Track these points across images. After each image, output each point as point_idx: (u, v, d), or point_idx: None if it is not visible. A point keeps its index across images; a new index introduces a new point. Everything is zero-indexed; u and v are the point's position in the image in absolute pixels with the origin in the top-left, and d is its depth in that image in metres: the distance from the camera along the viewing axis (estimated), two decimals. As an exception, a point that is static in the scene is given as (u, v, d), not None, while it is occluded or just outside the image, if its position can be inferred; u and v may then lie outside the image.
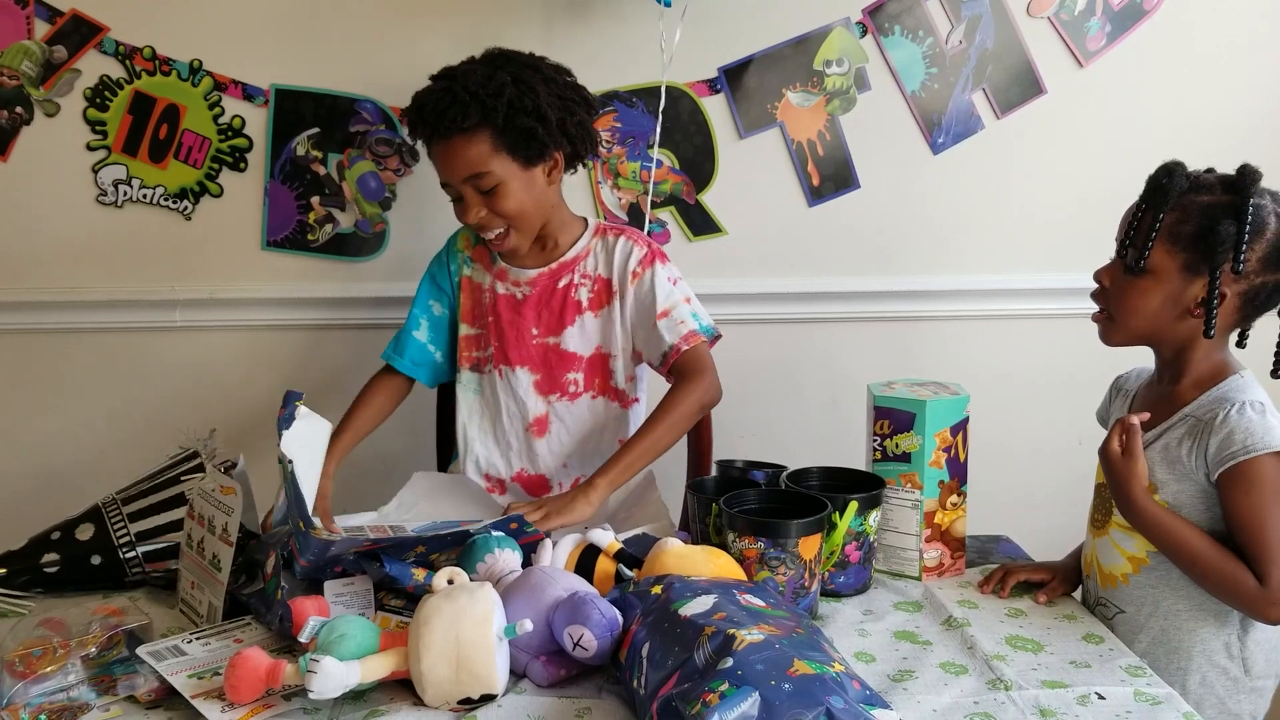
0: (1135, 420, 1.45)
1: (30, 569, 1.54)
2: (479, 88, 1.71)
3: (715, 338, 1.88)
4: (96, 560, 1.54)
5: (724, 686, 1.04)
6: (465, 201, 1.77)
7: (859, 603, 1.53)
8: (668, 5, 2.07)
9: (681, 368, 1.81)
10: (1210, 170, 1.47)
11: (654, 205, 2.29)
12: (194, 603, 1.45)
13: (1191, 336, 1.47)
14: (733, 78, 2.26)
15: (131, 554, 1.54)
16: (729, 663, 1.08)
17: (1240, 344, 1.50)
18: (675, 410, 1.76)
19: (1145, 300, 1.46)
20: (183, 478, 1.59)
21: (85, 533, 1.55)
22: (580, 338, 1.90)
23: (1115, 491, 1.47)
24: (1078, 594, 1.62)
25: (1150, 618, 1.49)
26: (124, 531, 1.54)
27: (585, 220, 1.94)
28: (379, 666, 1.18)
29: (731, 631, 1.12)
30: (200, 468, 1.59)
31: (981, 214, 2.35)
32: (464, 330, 1.94)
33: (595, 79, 2.22)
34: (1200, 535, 1.42)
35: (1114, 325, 1.51)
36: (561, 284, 1.89)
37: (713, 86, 2.27)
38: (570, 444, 1.93)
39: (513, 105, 1.72)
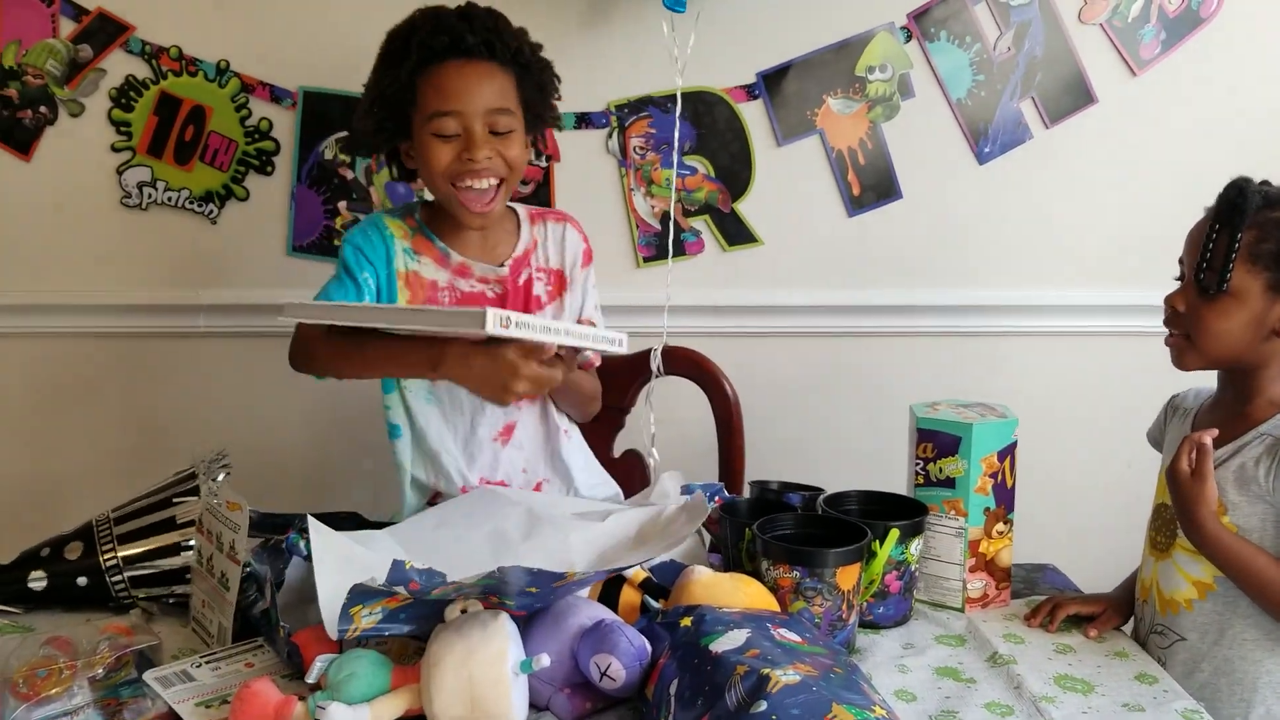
0: (1207, 439, 1.39)
1: (16, 584, 1.48)
2: (521, 38, 1.68)
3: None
4: (83, 582, 1.48)
5: (757, 733, 0.98)
6: (474, 137, 1.61)
7: (899, 635, 1.46)
8: (681, 10, 2.02)
9: None
10: (1266, 183, 1.44)
11: (688, 214, 2.24)
12: (205, 622, 1.40)
13: (1271, 357, 1.42)
14: (771, 83, 2.20)
15: (118, 579, 1.49)
16: (763, 706, 1.01)
17: None
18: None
19: (1227, 323, 1.41)
20: (175, 500, 1.53)
21: (73, 552, 1.49)
22: None
23: (1181, 514, 1.41)
24: (1127, 627, 1.55)
25: (1214, 646, 1.43)
26: (111, 554, 1.49)
27: (514, 209, 1.80)
28: (391, 708, 1.12)
29: (765, 671, 1.05)
30: (196, 490, 1.53)
31: (1030, 226, 2.29)
32: None
33: (629, 84, 2.19)
34: (1271, 561, 1.37)
35: (1193, 350, 1.45)
36: (522, 279, 1.76)
37: (750, 92, 2.21)
38: (530, 449, 1.79)
39: (542, 65, 1.71)
